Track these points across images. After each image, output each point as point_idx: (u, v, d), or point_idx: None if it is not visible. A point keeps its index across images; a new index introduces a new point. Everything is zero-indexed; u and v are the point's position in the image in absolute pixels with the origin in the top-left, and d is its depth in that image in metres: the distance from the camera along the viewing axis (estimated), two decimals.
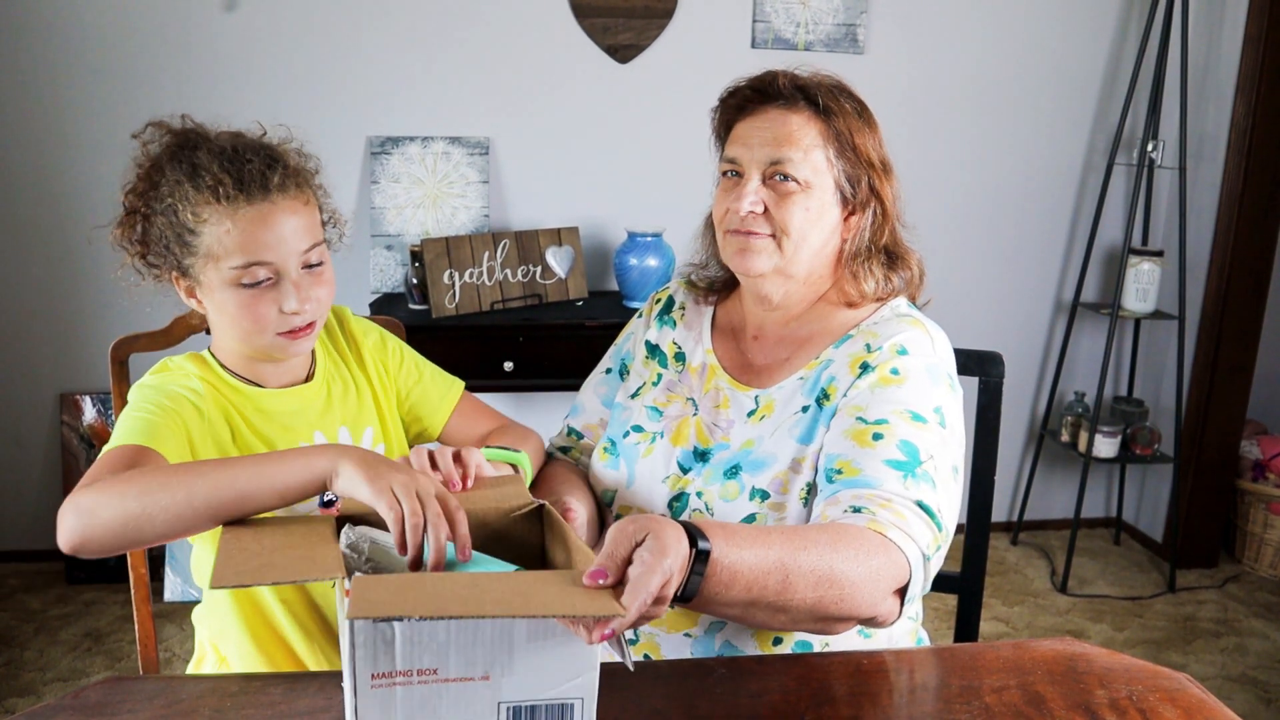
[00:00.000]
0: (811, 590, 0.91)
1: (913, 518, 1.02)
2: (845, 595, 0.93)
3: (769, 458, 1.15)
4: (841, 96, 1.19)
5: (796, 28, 2.85)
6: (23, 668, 2.39)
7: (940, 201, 3.03)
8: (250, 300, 1.11)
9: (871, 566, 0.95)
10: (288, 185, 1.12)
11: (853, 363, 1.16)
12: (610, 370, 1.40)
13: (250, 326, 1.12)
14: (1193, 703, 0.93)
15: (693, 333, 1.32)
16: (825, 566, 0.92)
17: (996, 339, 3.06)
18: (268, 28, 2.67)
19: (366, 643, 0.72)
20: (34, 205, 2.69)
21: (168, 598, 2.67)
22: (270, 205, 1.10)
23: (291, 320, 1.13)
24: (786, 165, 1.15)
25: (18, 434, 2.82)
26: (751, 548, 0.89)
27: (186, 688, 0.95)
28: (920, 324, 1.19)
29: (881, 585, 0.96)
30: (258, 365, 1.21)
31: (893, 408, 1.09)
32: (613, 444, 1.29)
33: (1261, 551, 3.07)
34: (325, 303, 1.17)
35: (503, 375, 2.51)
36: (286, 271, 1.11)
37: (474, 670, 0.76)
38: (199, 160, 1.10)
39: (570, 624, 0.76)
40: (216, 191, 1.08)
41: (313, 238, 1.14)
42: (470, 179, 2.80)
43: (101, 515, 0.93)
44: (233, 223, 1.08)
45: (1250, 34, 2.85)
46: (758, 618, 0.93)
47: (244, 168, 1.09)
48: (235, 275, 1.09)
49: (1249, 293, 2.96)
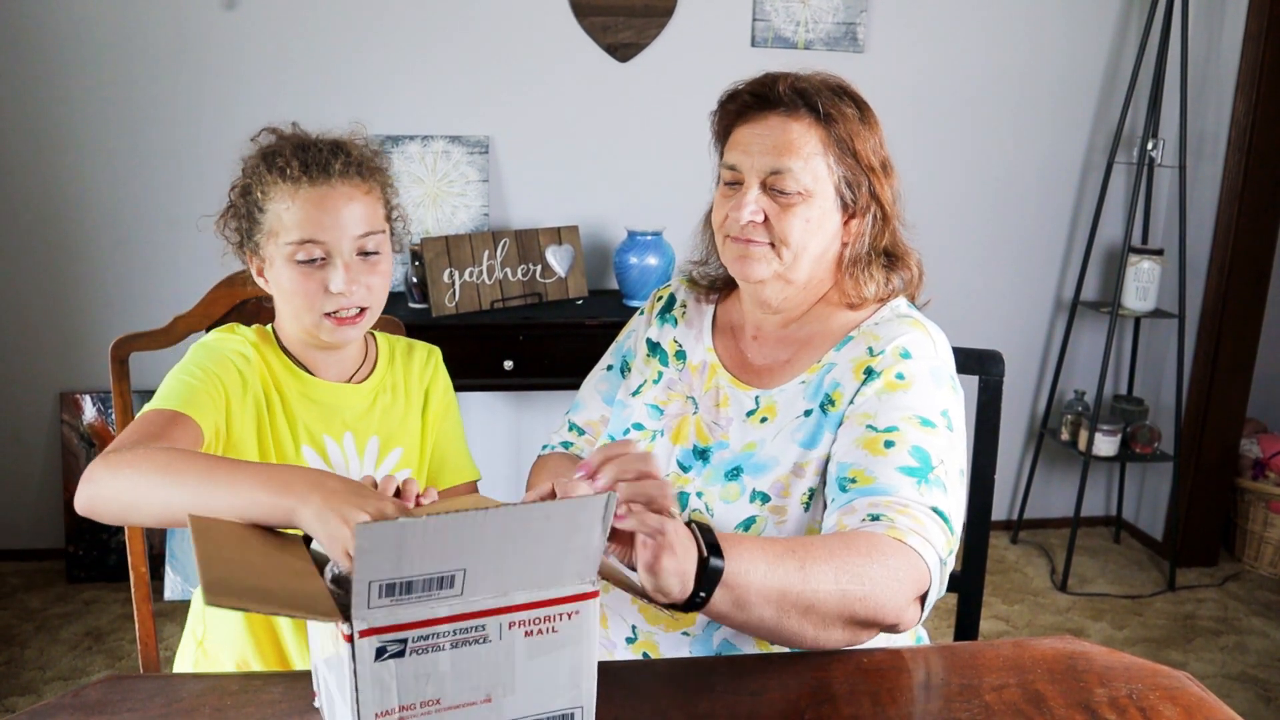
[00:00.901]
0: (837, 602, 0.92)
1: (929, 523, 1.02)
2: (870, 597, 0.94)
3: (771, 461, 1.15)
4: (842, 99, 1.18)
5: (796, 26, 2.85)
6: (23, 666, 2.39)
7: (940, 200, 3.03)
8: (302, 276, 1.17)
9: (894, 572, 0.95)
10: (350, 172, 1.18)
11: (856, 367, 1.15)
12: (611, 367, 1.40)
13: (300, 303, 1.18)
14: (1192, 701, 0.93)
15: (693, 331, 1.32)
16: (850, 573, 0.93)
17: (996, 338, 3.06)
18: (268, 27, 2.67)
19: (373, 684, 0.72)
20: (34, 205, 2.69)
21: (168, 596, 2.67)
22: (329, 188, 1.17)
23: (339, 300, 1.17)
24: (787, 175, 1.15)
25: (18, 433, 2.82)
26: (765, 558, 0.91)
27: (187, 687, 0.95)
28: (921, 325, 1.19)
29: (905, 590, 0.97)
30: (312, 352, 1.26)
31: (901, 414, 1.09)
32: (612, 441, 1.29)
33: (1261, 550, 3.07)
34: (377, 292, 1.21)
35: (503, 374, 2.51)
36: (339, 252, 1.17)
37: (476, 695, 0.76)
38: (277, 147, 1.20)
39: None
40: (284, 172, 1.16)
41: (369, 225, 1.19)
42: (470, 178, 2.80)
43: (104, 493, 0.99)
44: (293, 200, 1.16)
45: (1250, 32, 2.85)
46: (789, 626, 0.93)
47: (310, 152, 1.18)
48: (291, 251, 1.16)
49: (1249, 291, 2.96)
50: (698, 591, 0.87)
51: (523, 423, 2.99)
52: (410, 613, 0.72)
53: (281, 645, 1.24)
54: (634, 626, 1.17)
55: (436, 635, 0.73)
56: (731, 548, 0.88)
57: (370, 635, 0.71)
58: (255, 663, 1.23)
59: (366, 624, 0.71)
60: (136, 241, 2.73)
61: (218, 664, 1.24)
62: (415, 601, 0.72)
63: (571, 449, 1.38)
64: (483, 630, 0.75)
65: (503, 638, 0.76)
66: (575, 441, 1.38)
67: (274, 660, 1.23)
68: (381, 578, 0.69)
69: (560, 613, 0.77)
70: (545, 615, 0.77)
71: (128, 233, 2.72)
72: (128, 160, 2.69)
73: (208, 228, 1.28)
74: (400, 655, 0.72)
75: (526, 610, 0.76)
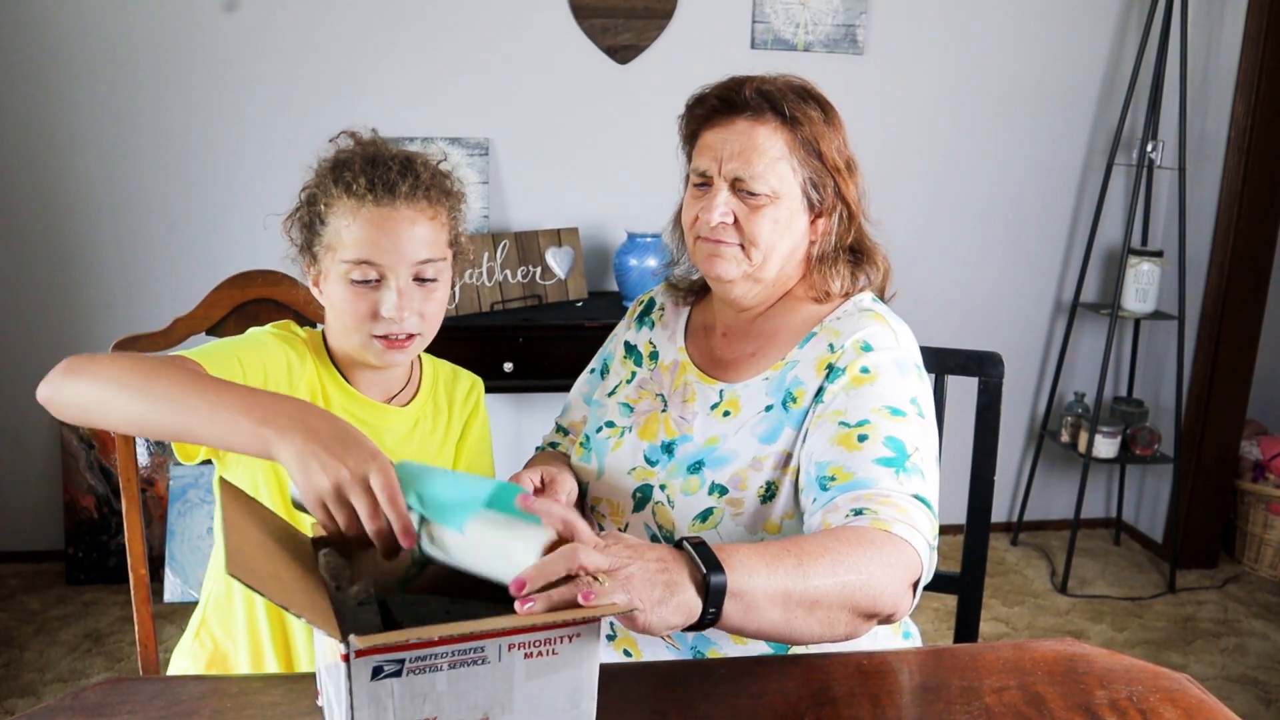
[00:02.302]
0: (838, 594, 0.92)
1: (913, 510, 1.03)
2: (869, 585, 0.94)
3: (731, 455, 1.17)
4: (807, 101, 1.20)
5: (796, 28, 2.86)
6: (23, 668, 2.39)
7: (940, 202, 3.03)
8: (355, 296, 1.14)
9: (887, 560, 0.96)
10: (416, 196, 1.15)
11: (818, 364, 1.17)
12: (594, 370, 1.43)
13: (350, 323, 1.16)
14: (1193, 703, 0.93)
15: (667, 332, 1.35)
16: (846, 564, 0.93)
17: (996, 339, 3.06)
18: (268, 28, 2.67)
19: (369, 701, 0.72)
20: (34, 205, 2.69)
21: (168, 598, 2.67)
22: (393, 210, 1.13)
23: (389, 325, 1.15)
24: (754, 179, 1.17)
25: (18, 434, 2.82)
26: (763, 561, 0.90)
27: (186, 688, 0.95)
28: (881, 318, 1.20)
29: (899, 576, 0.98)
30: (358, 367, 1.23)
31: (871, 406, 1.10)
32: (587, 439, 1.32)
33: (1261, 552, 3.07)
34: (431, 320, 1.19)
35: (502, 376, 2.51)
36: (395, 276, 1.14)
37: (474, 714, 0.76)
38: (347, 159, 1.17)
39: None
40: (350, 187, 1.13)
41: (430, 252, 1.16)
42: (470, 179, 2.79)
43: (72, 385, 0.98)
44: (354, 218, 1.13)
45: (1249, 33, 2.85)
46: (796, 625, 0.93)
47: (378, 171, 1.14)
48: (346, 270, 1.14)
49: (1249, 293, 2.96)
50: (706, 610, 0.86)
51: (522, 424, 2.99)
52: (408, 634, 0.72)
53: (291, 646, 1.23)
54: (612, 624, 1.19)
55: (434, 656, 0.73)
56: (728, 558, 0.88)
57: (367, 655, 0.71)
58: (261, 650, 1.22)
59: (363, 644, 0.70)
60: (136, 242, 2.73)
61: (220, 649, 1.24)
62: None
63: (558, 449, 1.42)
64: (481, 652, 0.74)
65: (502, 659, 0.75)
66: (560, 442, 1.43)
67: (280, 652, 1.23)
68: None
69: (561, 635, 0.77)
70: (546, 638, 0.76)
71: (128, 233, 2.72)
72: (128, 162, 2.69)
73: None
74: (397, 675, 0.72)
75: (527, 634, 0.76)
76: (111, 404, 0.96)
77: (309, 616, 0.73)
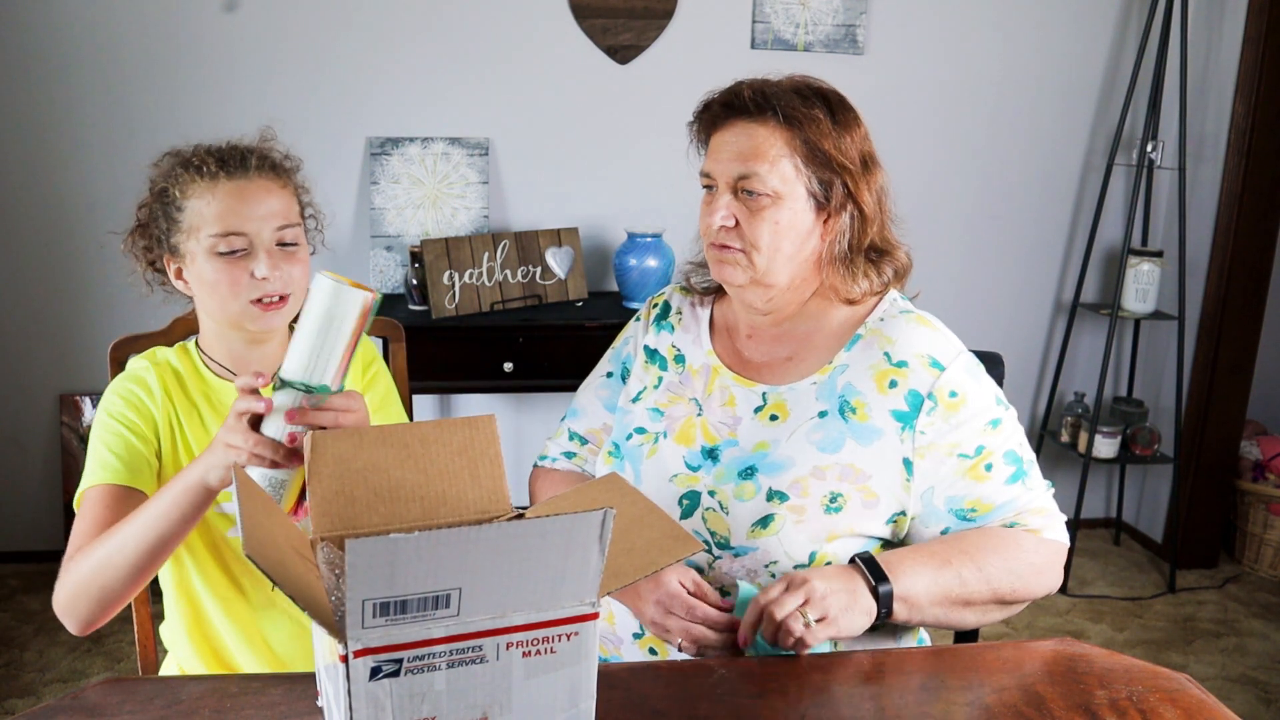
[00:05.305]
0: (989, 593, 1.12)
1: (1047, 504, 1.19)
2: (1018, 588, 1.14)
3: (786, 461, 1.16)
4: (811, 101, 1.19)
5: (796, 28, 2.86)
6: (22, 668, 2.39)
7: (940, 202, 3.04)
8: (225, 266, 1.19)
9: (1033, 559, 1.15)
10: (265, 168, 1.23)
11: (876, 375, 1.17)
12: (611, 374, 1.39)
13: (226, 292, 1.20)
14: (1193, 703, 0.93)
15: (690, 335, 1.33)
16: (997, 566, 1.13)
17: (996, 339, 3.06)
18: (268, 28, 2.67)
19: (367, 702, 0.72)
20: (34, 206, 2.69)
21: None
22: (247, 181, 1.21)
23: (263, 287, 1.19)
24: (753, 180, 1.17)
25: (18, 434, 2.82)
26: (929, 568, 1.10)
27: (186, 688, 0.95)
28: (924, 320, 1.22)
29: (1046, 566, 1.17)
30: (237, 351, 1.27)
31: (977, 429, 1.17)
32: (616, 447, 1.29)
33: (1261, 552, 3.07)
34: (299, 281, 1.23)
35: (502, 376, 2.51)
36: (260, 242, 1.20)
37: (472, 713, 0.75)
38: (187, 153, 1.26)
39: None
40: (201, 170, 1.21)
41: (287, 218, 1.23)
42: (470, 180, 2.80)
43: (77, 594, 1.07)
44: (213, 195, 1.20)
45: (1249, 34, 2.85)
46: (954, 618, 1.14)
47: (223, 153, 1.24)
48: (213, 244, 1.19)
49: (1249, 293, 2.96)
50: (879, 612, 1.06)
51: (522, 424, 2.99)
52: (405, 633, 0.71)
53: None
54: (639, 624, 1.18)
55: (432, 655, 0.73)
56: (894, 567, 1.07)
57: (365, 655, 0.71)
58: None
59: (361, 644, 0.70)
60: None
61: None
62: (410, 622, 0.71)
63: (574, 459, 1.38)
64: (479, 650, 0.74)
65: (500, 658, 0.75)
66: (578, 451, 1.38)
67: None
68: (375, 596, 0.69)
69: (559, 634, 0.77)
70: (544, 636, 0.76)
71: None
72: (127, 162, 2.69)
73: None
74: (395, 675, 0.72)
75: (524, 631, 0.75)
76: (115, 573, 1.06)
77: (312, 613, 0.73)
